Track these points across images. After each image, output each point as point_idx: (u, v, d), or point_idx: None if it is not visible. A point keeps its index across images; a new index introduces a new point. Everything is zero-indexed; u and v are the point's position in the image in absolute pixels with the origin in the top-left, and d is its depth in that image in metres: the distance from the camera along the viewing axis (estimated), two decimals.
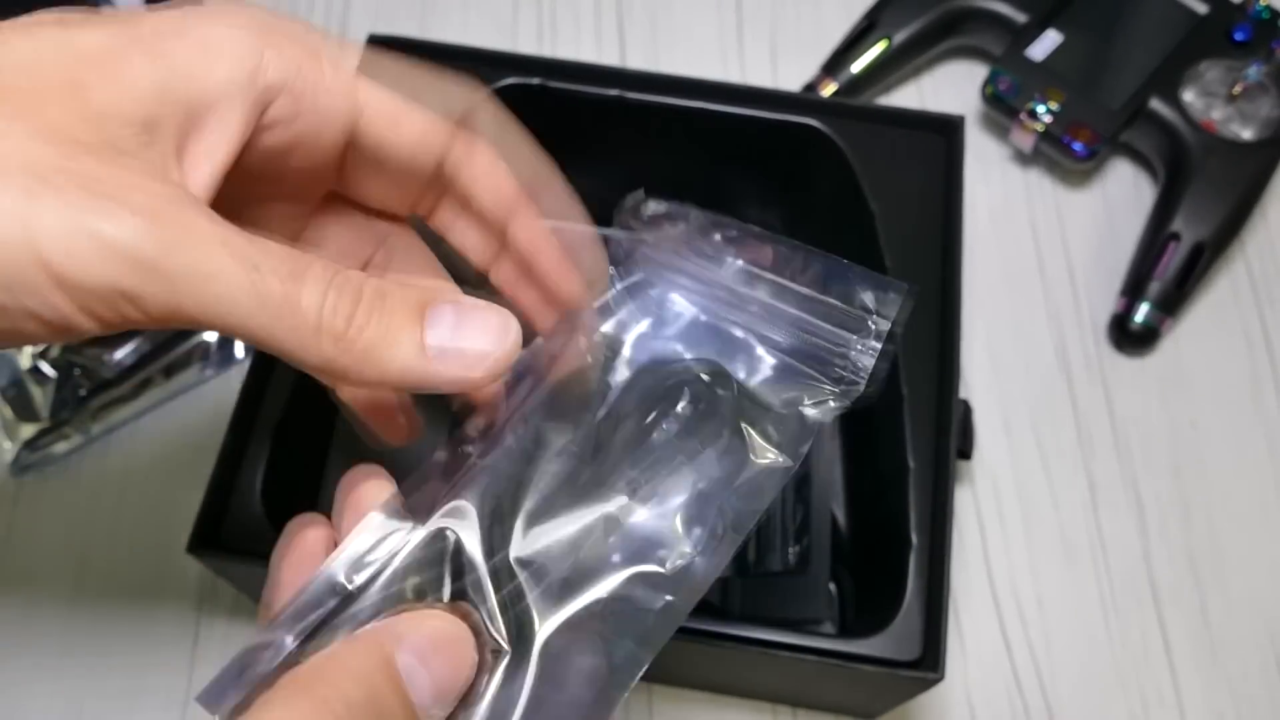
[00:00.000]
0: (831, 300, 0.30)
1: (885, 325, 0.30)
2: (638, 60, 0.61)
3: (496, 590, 0.25)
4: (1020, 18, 0.57)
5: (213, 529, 0.39)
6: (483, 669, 0.24)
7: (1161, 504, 0.50)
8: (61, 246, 0.20)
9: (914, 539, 0.39)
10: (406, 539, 0.25)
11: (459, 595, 0.25)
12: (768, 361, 0.31)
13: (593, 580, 0.26)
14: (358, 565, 0.25)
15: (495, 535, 0.26)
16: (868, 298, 0.31)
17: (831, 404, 0.30)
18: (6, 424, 0.49)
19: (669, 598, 0.25)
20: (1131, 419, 0.52)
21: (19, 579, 0.48)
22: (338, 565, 0.25)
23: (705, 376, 0.30)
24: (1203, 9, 0.57)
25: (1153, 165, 0.57)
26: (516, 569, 0.26)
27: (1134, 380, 0.53)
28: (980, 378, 0.53)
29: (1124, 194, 0.58)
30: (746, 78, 0.61)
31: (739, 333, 0.31)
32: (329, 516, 0.26)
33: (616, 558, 0.26)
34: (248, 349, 0.51)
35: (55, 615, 0.47)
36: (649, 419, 0.29)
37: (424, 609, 0.24)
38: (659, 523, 0.27)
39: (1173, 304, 0.52)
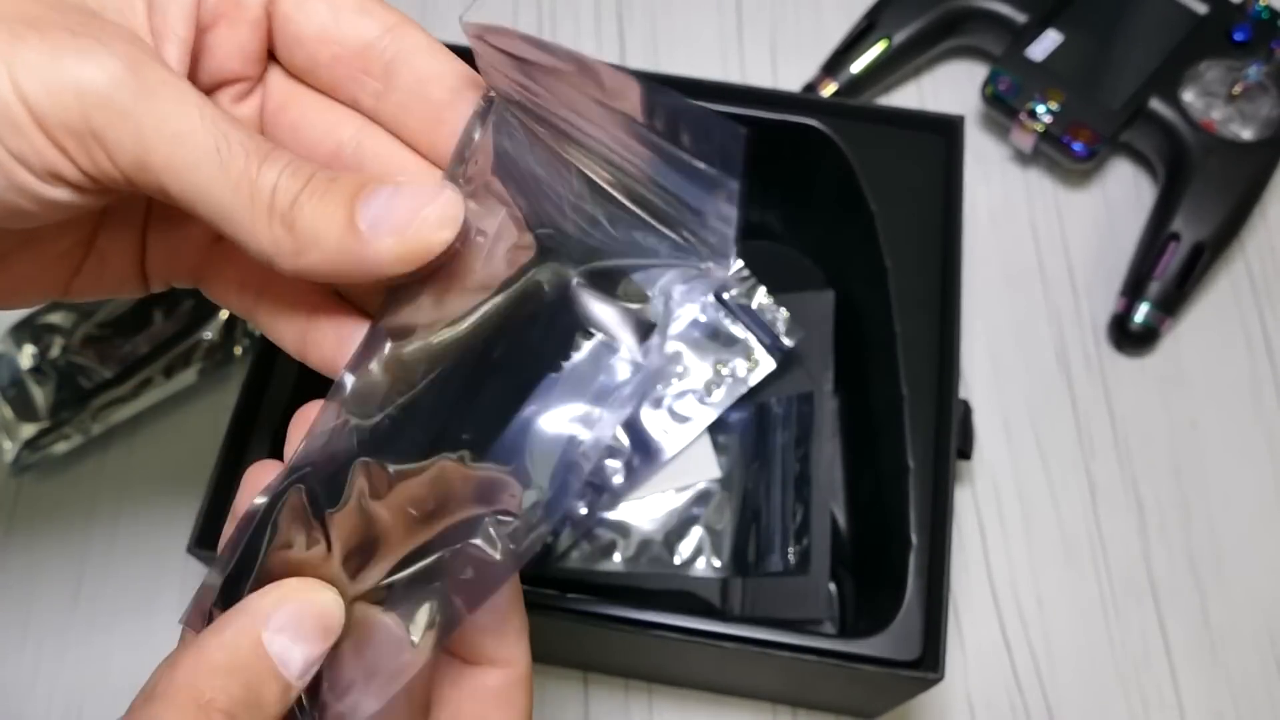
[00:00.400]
0: (684, 153, 0.24)
1: (735, 185, 0.24)
2: (638, 60, 0.61)
3: (345, 541, 0.24)
4: (1020, 18, 0.57)
5: (213, 529, 0.39)
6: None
7: (1161, 504, 0.50)
8: (40, 83, 0.21)
9: (914, 539, 0.39)
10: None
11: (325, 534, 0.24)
12: (628, 232, 0.25)
13: (441, 525, 0.24)
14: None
15: (341, 478, 0.25)
16: (707, 147, 0.24)
17: (700, 286, 0.25)
18: (6, 424, 0.49)
19: (512, 546, 0.23)
20: (1131, 419, 0.52)
21: (19, 579, 0.48)
22: (258, 502, 0.25)
23: (544, 280, 0.25)
24: (1202, 9, 0.56)
25: (1153, 165, 0.57)
26: (361, 516, 0.24)
27: (1134, 380, 0.53)
28: (980, 378, 0.53)
29: (1124, 194, 0.58)
30: (746, 78, 0.61)
31: (596, 191, 0.25)
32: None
33: (468, 503, 0.24)
34: (245, 348, 0.51)
35: (55, 615, 0.47)
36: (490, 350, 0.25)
37: (294, 572, 0.24)
38: (510, 459, 0.24)
39: (1173, 304, 0.52)
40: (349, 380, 0.25)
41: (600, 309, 0.24)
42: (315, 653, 0.23)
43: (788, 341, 0.46)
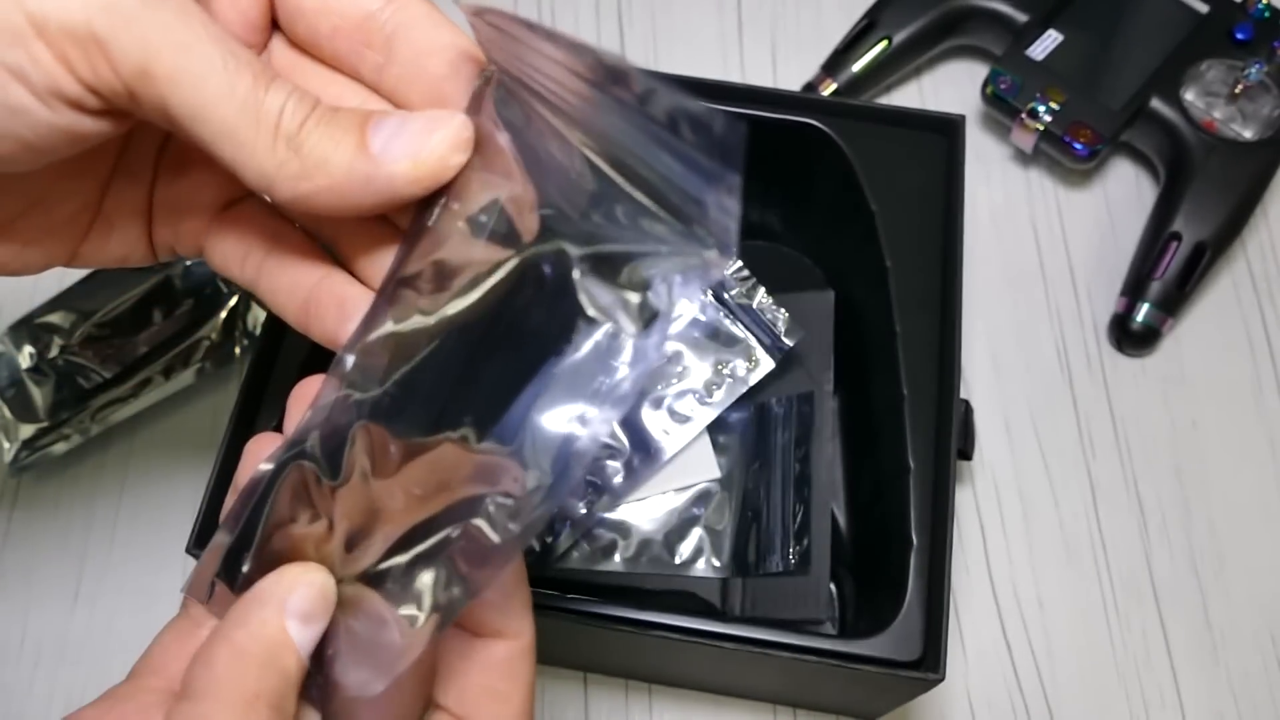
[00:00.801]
0: (684, 144, 0.23)
1: (736, 179, 0.23)
2: (638, 60, 0.61)
3: (349, 518, 0.24)
4: (1021, 17, 0.57)
5: (213, 529, 0.39)
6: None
7: (1162, 504, 0.50)
8: None
9: (914, 539, 0.39)
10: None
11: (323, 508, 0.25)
12: (630, 217, 0.24)
13: (442, 504, 0.24)
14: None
15: (342, 452, 0.25)
16: (707, 139, 0.24)
17: (700, 277, 0.24)
18: (5, 424, 0.49)
19: (514, 526, 0.23)
20: (1132, 419, 0.52)
21: (18, 579, 0.48)
22: (263, 469, 0.25)
23: (546, 261, 0.24)
24: (1204, 8, 0.56)
25: (1154, 165, 0.57)
26: (363, 494, 0.24)
27: (1135, 380, 0.53)
28: (981, 378, 0.53)
29: (1125, 194, 0.58)
30: (746, 77, 0.61)
31: (597, 174, 0.25)
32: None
33: (469, 483, 0.24)
34: (245, 348, 0.51)
35: (54, 615, 0.47)
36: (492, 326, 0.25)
37: (295, 548, 0.25)
38: (511, 441, 0.24)
39: (1173, 304, 0.52)
40: (349, 357, 0.25)
41: (602, 294, 0.24)
42: (318, 631, 0.24)
43: (788, 341, 0.45)
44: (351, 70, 0.26)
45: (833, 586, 0.45)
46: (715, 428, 0.46)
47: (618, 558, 0.45)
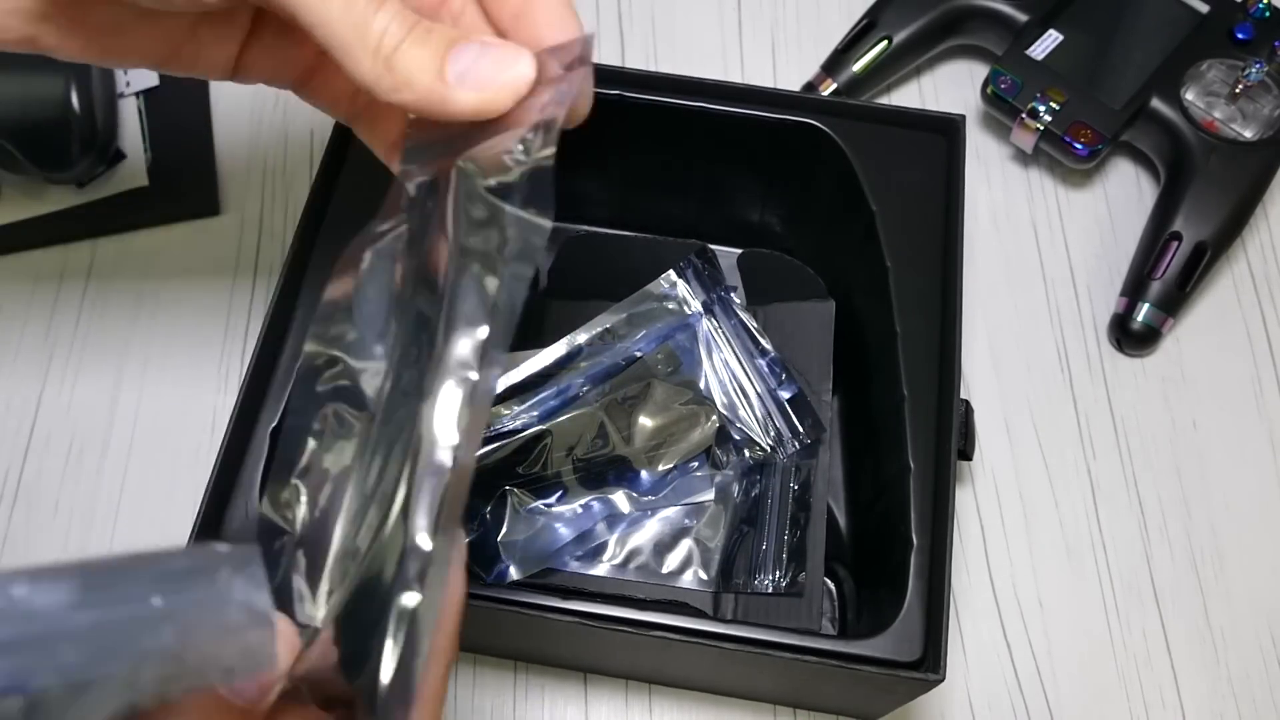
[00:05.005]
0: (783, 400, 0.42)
1: (794, 449, 0.40)
2: (638, 60, 0.61)
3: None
4: (1021, 17, 0.57)
5: (213, 529, 0.39)
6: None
7: (1163, 504, 0.50)
8: None
9: (915, 540, 0.39)
10: None
11: None
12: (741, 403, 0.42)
13: None
14: None
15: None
16: (797, 427, 0.44)
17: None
18: None
19: None
20: (1133, 419, 0.52)
21: None
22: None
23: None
24: (1204, 8, 0.56)
25: (1154, 165, 0.57)
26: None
27: (1135, 380, 0.53)
28: (981, 378, 0.53)
29: (1125, 194, 0.58)
30: (746, 77, 0.61)
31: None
32: None
33: None
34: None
35: None
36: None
37: None
38: None
39: (1174, 304, 0.52)
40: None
41: None
42: None
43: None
44: None
45: (832, 586, 0.45)
46: (714, 443, 0.46)
47: (605, 563, 0.45)
